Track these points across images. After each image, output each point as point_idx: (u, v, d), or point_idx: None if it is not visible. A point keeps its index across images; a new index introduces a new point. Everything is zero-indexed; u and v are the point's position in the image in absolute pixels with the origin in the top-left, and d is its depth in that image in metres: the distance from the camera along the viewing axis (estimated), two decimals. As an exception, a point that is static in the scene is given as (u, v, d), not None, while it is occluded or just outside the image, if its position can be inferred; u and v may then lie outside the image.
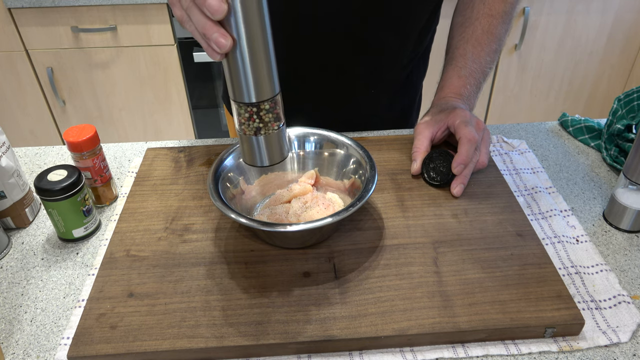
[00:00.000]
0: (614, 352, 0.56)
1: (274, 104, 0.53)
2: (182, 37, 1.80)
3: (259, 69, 0.50)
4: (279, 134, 0.56)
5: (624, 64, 2.02)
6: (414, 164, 0.76)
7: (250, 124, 0.54)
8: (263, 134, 0.54)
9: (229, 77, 0.51)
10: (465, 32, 0.82)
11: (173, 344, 0.55)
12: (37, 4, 1.67)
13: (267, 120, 0.54)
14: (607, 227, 0.72)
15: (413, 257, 0.64)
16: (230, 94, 0.53)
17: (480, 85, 0.83)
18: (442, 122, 0.77)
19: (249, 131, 0.55)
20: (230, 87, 0.52)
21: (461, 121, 0.74)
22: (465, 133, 0.73)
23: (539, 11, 1.85)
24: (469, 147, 0.72)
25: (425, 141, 0.77)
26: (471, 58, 0.81)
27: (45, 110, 1.93)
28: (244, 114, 0.53)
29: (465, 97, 0.81)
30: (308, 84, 0.88)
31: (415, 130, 0.79)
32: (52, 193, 0.66)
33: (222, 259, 0.65)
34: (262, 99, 0.52)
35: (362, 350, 0.56)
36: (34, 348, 0.58)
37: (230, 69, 0.50)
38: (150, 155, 0.84)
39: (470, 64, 0.81)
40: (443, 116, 0.77)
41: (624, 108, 0.85)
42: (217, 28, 0.47)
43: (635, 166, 0.67)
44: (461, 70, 0.81)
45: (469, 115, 0.75)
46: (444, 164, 0.75)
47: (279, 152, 0.57)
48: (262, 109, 0.53)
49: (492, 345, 0.57)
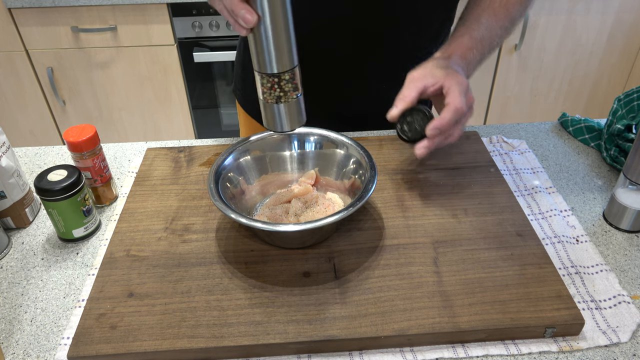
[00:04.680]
0: (614, 352, 0.56)
1: (293, 75, 0.60)
2: (182, 37, 1.80)
3: (280, 43, 0.57)
4: (297, 102, 0.63)
5: (624, 64, 2.02)
6: (394, 109, 0.73)
7: (272, 92, 0.61)
8: (283, 102, 0.61)
9: (254, 50, 0.58)
10: (483, 2, 0.81)
11: (173, 344, 0.55)
12: (37, 4, 1.67)
13: (287, 89, 0.61)
14: (607, 227, 0.72)
15: (413, 257, 0.64)
16: (254, 66, 0.60)
17: (484, 56, 0.81)
18: (438, 79, 0.73)
19: (271, 99, 0.61)
20: (255, 59, 0.59)
21: (456, 87, 0.70)
22: (454, 100, 0.69)
23: (539, 11, 1.84)
24: (453, 115, 0.69)
25: (414, 92, 0.73)
26: (485, 25, 0.79)
27: (45, 110, 1.93)
28: (266, 84, 0.60)
29: (469, 62, 0.78)
30: (322, 79, 0.89)
31: (408, 77, 0.75)
32: (52, 193, 0.66)
33: (222, 259, 0.65)
34: (283, 70, 0.59)
35: (362, 350, 0.56)
36: (34, 348, 0.58)
37: (256, 42, 0.57)
38: (150, 155, 0.84)
39: (482, 31, 0.79)
40: (441, 74, 0.73)
41: (624, 108, 0.85)
42: (243, 5, 0.53)
43: (635, 166, 0.67)
44: (474, 32, 0.79)
45: (467, 85, 0.72)
46: (420, 123, 0.71)
47: (297, 118, 0.64)
48: (282, 79, 0.60)
49: (492, 345, 0.57)
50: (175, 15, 1.75)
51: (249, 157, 0.73)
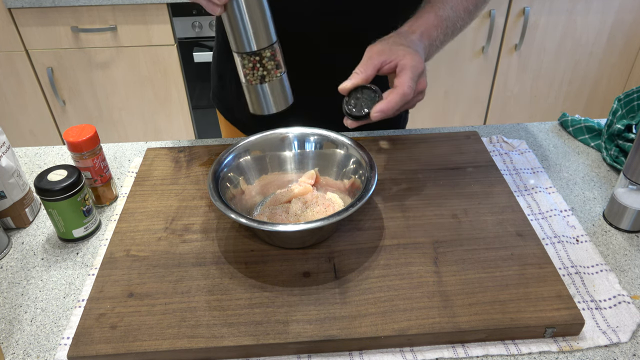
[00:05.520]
0: (614, 352, 0.56)
1: (274, 52, 0.59)
2: (182, 37, 1.80)
3: (256, 18, 0.57)
4: (281, 81, 0.62)
5: (624, 64, 2.02)
6: (347, 82, 0.70)
7: (254, 73, 0.60)
8: (267, 81, 0.61)
9: (230, 30, 0.58)
10: None
11: (173, 344, 0.55)
12: (37, 4, 1.67)
13: (270, 67, 0.60)
14: (607, 227, 0.72)
15: (413, 257, 0.64)
16: (232, 47, 0.59)
17: (447, 37, 0.79)
18: (395, 56, 0.70)
19: (255, 80, 0.61)
20: (233, 40, 0.59)
21: (409, 70, 0.68)
22: (403, 84, 0.67)
23: (539, 11, 1.84)
24: (399, 100, 0.67)
25: (370, 69, 0.70)
26: (450, 5, 0.78)
27: (45, 110, 1.93)
28: (247, 64, 0.59)
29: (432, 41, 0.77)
30: (295, 77, 0.87)
31: (367, 51, 0.72)
32: (52, 193, 0.66)
33: (222, 259, 0.65)
34: (262, 46, 0.58)
35: (362, 350, 0.56)
36: (34, 348, 0.58)
37: (231, 21, 0.57)
38: (150, 155, 0.84)
39: (448, 10, 0.78)
40: (400, 51, 0.71)
41: (624, 108, 0.85)
42: None
43: (635, 166, 0.67)
44: (439, 10, 0.77)
45: (422, 69, 0.70)
46: (367, 102, 0.70)
47: (283, 98, 0.63)
48: (264, 56, 0.59)
49: (492, 345, 0.57)
50: (175, 15, 1.75)
51: (249, 157, 0.73)
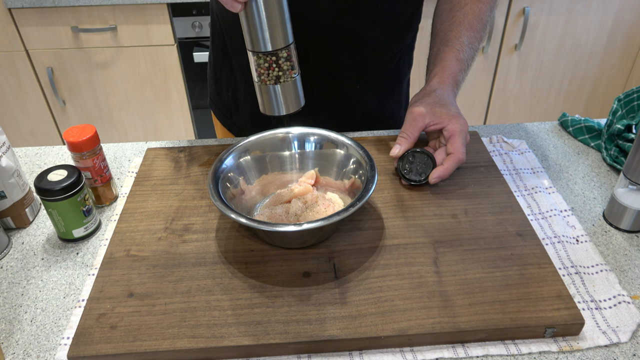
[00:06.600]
0: (614, 352, 0.56)
1: (290, 53, 0.59)
2: (182, 37, 1.80)
3: (275, 18, 0.56)
4: (295, 82, 0.62)
5: (624, 64, 2.02)
6: (397, 149, 0.75)
7: (270, 73, 0.60)
8: (282, 82, 0.60)
9: (247, 29, 0.57)
10: (456, 17, 0.81)
11: (173, 344, 0.55)
12: (37, 4, 1.67)
13: (286, 68, 0.60)
14: (607, 227, 0.72)
15: (413, 257, 0.64)
16: (248, 46, 0.59)
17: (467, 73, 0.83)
18: (439, 119, 0.75)
19: (269, 80, 0.60)
20: (250, 39, 0.58)
21: (459, 135, 0.73)
22: (457, 151, 0.73)
23: (539, 11, 1.84)
24: (455, 165, 0.73)
25: (416, 131, 0.75)
26: (467, 42, 0.80)
27: (45, 110, 1.93)
28: (263, 64, 0.59)
29: (459, 85, 0.81)
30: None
31: (410, 114, 0.76)
32: (52, 193, 0.66)
33: (222, 259, 0.65)
34: (279, 46, 0.58)
35: (362, 350, 0.56)
36: (34, 348, 0.58)
37: (249, 21, 0.57)
38: (150, 155, 0.84)
39: (467, 50, 0.80)
40: (442, 113, 0.75)
41: (624, 108, 0.85)
42: None
43: (635, 166, 0.67)
44: (459, 53, 0.80)
45: (467, 129, 0.75)
46: (422, 166, 0.74)
47: (295, 100, 0.63)
48: (280, 57, 0.59)
49: (492, 345, 0.57)
50: (175, 15, 1.75)
51: (249, 157, 0.73)
